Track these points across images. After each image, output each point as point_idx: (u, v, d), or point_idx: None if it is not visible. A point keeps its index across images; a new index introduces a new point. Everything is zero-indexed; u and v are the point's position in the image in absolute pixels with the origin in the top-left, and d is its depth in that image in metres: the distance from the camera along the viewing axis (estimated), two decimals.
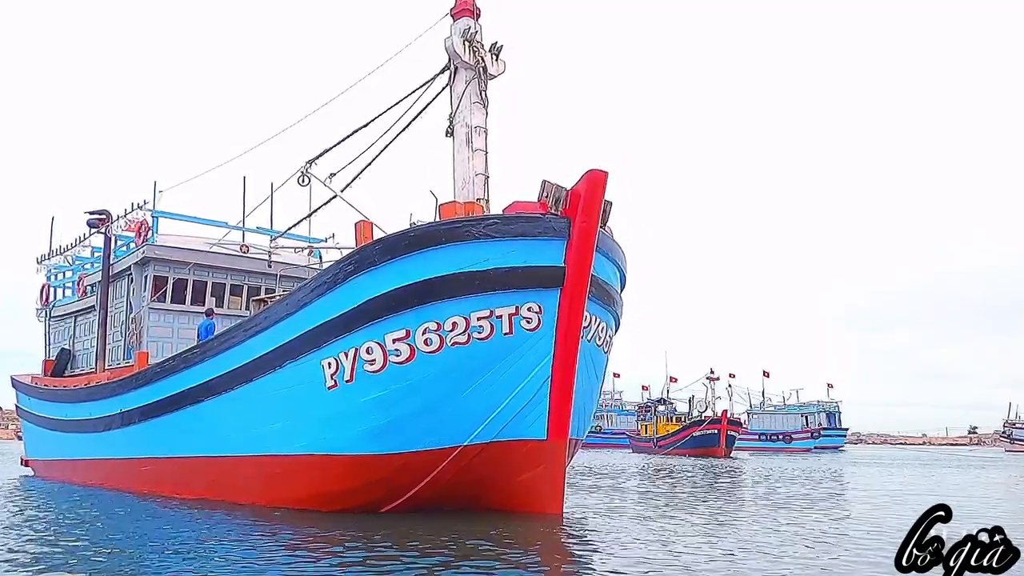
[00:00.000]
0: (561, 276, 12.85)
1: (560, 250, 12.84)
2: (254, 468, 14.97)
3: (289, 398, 14.07)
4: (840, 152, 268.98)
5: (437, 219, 13.75)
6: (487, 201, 14.90)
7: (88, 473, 21.37)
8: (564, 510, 13.80)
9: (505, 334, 12.81)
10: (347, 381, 13.14)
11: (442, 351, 12.71)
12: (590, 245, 12.85)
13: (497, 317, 12.76)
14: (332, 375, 13.28)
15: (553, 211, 12.82)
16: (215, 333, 16.65)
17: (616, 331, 15.48)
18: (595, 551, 10.51)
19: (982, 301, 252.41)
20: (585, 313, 13.24)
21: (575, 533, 12.27)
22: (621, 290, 15.24)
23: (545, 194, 12.89)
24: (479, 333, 12.73)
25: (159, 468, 17.74)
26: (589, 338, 13.78)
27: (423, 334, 12.68)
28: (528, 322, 12.86)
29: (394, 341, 12.77)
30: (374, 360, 12.90)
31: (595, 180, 12.78)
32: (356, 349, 12.99)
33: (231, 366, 15.06)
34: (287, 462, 14.27)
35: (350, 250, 13.86)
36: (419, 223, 14.09)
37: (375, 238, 13.43)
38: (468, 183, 15.00)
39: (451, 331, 12.67)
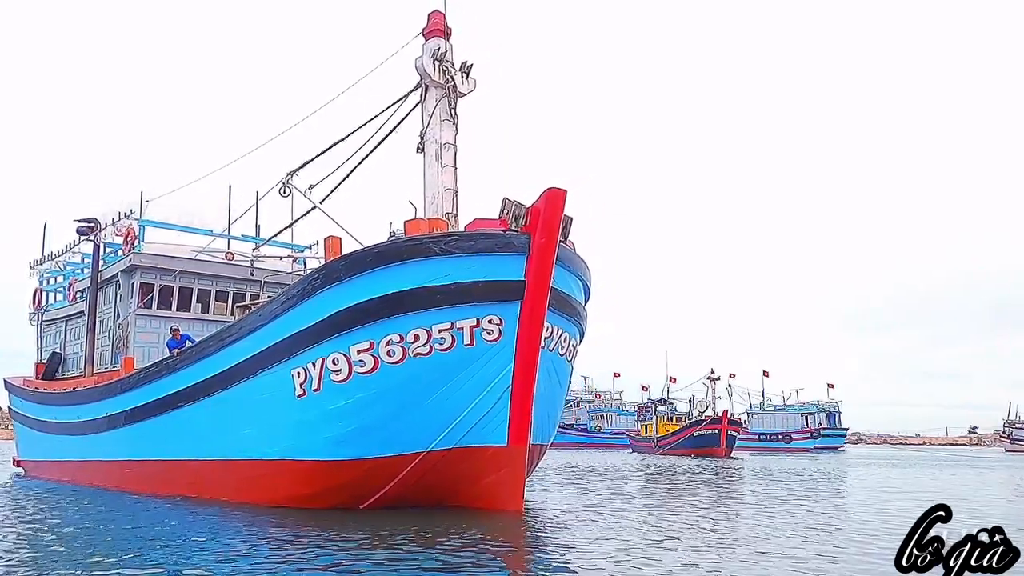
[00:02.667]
0: (521, 289, 13.38)
1: (520, 265, 13.36)
2: (230, 471, 15.59)
3: (262, 405, 14.69)
4: (841, 152, 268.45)
5: (403, 235, 14.24)
6: (455, 215, 15.39)
7: (76, 474, 21.97)
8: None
9: (466, 345, 13.35)
10: (315, 390, 13.73)
11: (404, 362, 13.27)
12: (549, 260, 13.36)
13: (458, 329, 13.30)
14: (301, 384, 13.87)
15: (513, 228, 13.34)
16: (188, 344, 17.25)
17: (580, 341, 15.96)
18: (551, 546, 10.85)
19: (982, 301, 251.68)
20: (546, 324, 13.77)
21: (536, 528, 12.76)
22: (586, 302, 15.76)
23: (506, 211, 13.42)
24: (441, 344, 13.27)
25: (142, 470, 18.33)
26: (551, 348, 14.31)
27: (386, 345, 13.25)
28: (489, 334, 13.40)
29: (359, 352, 13.35)
30: (340, 370, 13.48)
31: (554, 197, 13.29)
32: (323, 360, 13.58)
33: (208, 374, 15.69)
34: (260, 466, 14.86)
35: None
36: (398, 232, 14.65)
37: (343, 253, 14.00)
38: (437, 198, 15.49)
39: (413, 343, 13.23)
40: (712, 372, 68.75)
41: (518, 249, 13.31)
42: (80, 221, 22.91)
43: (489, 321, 13.37)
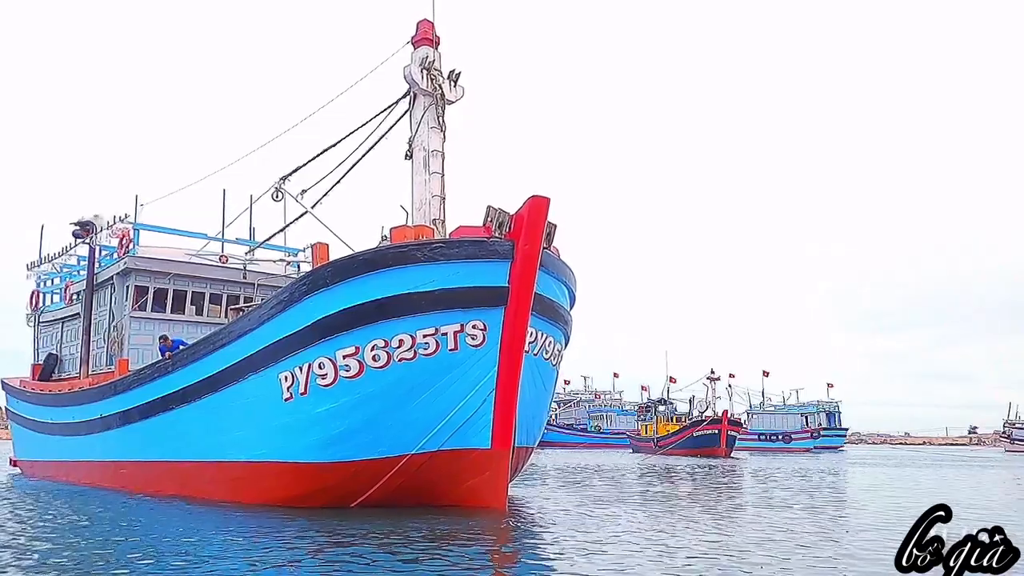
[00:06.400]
0: (505, 295, 13.62)
1: (504, 271, 13.59)
2: (221, 472, 15.85)
3: (250, 408, 14.96)
4: (842, 152, 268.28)
5: (388, 242, 14.49)
6: (443, 221, 15.59)
7: (71, 474, 22.23)
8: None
9: (450, 350, 13.59)
10: (302, 394, 13.98)
11: (389, 367, 13.52)
12: (533, 266, 13.58)
13: (442, 334, 13.53)
14: (288, 388, 14.12)
15: (497, 235, 13.56)
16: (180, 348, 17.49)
17: (566, 345, 16.20)
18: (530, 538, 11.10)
19: (983, 302, 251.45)
20: (531, 329, 14.00)
21: (521, 527, 12.96)
22: (571, 307, 15.98)
23: (489, 219, 13.66)
24: (425, 349, 13.50)
25: (136, 470, 18.61)
26: (536, 353, 14.55)
27: (371, 350, 13.49)
28: (473, 339, 13.63)
29: (344, 357, 13.59)
30: (326, 375, 13.73)
31: (537, 205, 13.52)
32: (309, 364, 13.83)
33: (199, 377, 15.93)
34: (249, 468, 15.14)
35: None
36: (388, 237, 14.90)
37: (330, 259, 14.26)
38: (425, 204, 15.70)
39: (398, 348, 13.47)
40: (712, 372, 68.79)
41: (502, 256, 13.54)
42: (76, 224, 23.17)
43: (473, 326, 13.60)
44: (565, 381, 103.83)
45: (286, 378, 14.11)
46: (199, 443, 16.29)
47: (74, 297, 24.81)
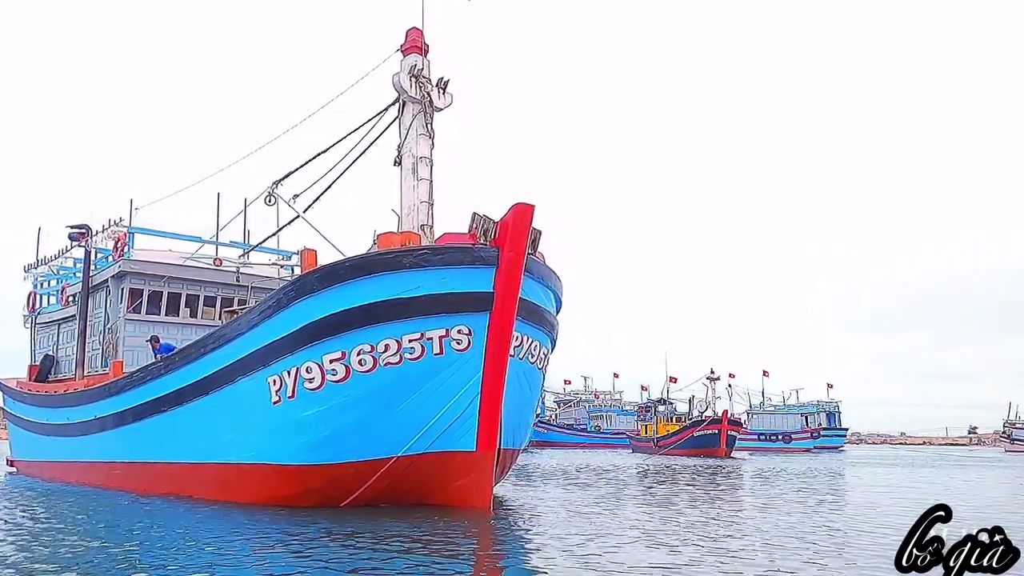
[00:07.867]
0: (490, 301, 13.83)
1: (489, 277, 13.81)
2: (211, 474, 16.09)
3: (240, 411, 15.20)
4: (842, 152, 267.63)
5: (376, 248, 14.70)
6: (431, 227, 15.80)
7: (66, 474, 22.47)
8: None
9: (436, 355, 13.81)
10: (289, 397, 14.22)
11: (375, 371, 13.74)
12: (517, 272, 13.80)
13: (428, 339, 13.76)
14: (276, 391, 14.36)
15: (483, 241, 13.76)
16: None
17: (552, 349, 16.41)
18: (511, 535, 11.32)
19: (983, 302, 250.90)
20: (516, 334, 14.21)
21: (507, 526, 13.18)
22: (557, 311, 16.17)
23: (475, 225, 13.88)
24: (410, 354, 13.73)
25: (130, 471, 18.86)
26: (521, 357, 14.77)
27: (358, 355, 13.72)
28: (458, 343, 13.85)
29: (331, 361, 13.82)
30: (313, 379, 13.96)
31: (522, 212, 13.74)
32: (297, 368, 14.06)
33: (191, 379, 16.17)
34: (238, 469, 15.37)
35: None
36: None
37: (317, 265, 14.48)
38: (413, 210, 15.91)
39: (384, 352, 13.70)
40: (712, 372, 68.67)
41: (487, 262, 13.75)
42: (72, 227, 23.40)
43: (458, 331, 13.82)
44: (565, 381, 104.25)
45: (274, 382, 14.34)
46: (191, 445, 16.51)
47: (70, 299, 25.04)
